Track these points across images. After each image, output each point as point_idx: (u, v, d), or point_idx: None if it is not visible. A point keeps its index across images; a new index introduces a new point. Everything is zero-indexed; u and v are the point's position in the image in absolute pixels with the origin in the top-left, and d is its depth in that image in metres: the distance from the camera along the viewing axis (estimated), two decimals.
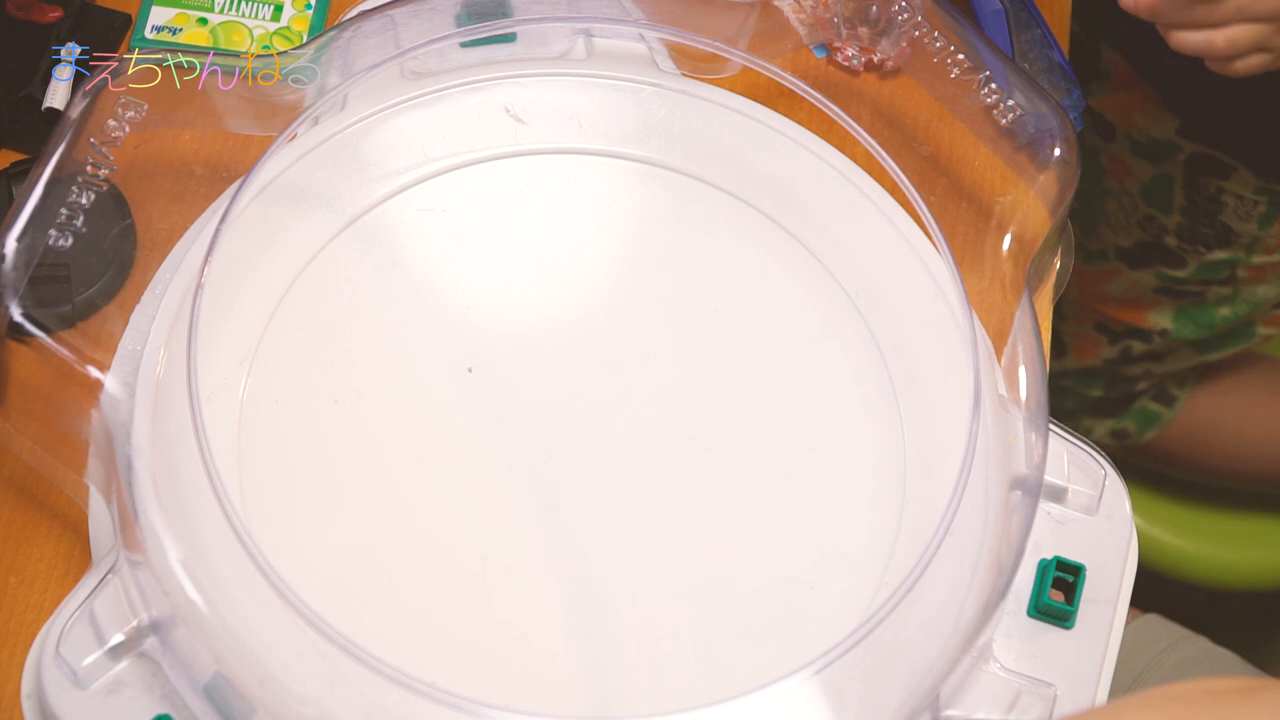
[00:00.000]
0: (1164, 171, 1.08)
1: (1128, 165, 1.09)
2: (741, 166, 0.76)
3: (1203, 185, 1.07)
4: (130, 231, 0.73)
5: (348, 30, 0.73)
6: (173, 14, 0.82)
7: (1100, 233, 1.14)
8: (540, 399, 0.70)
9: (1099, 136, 1.10)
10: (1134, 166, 1.09)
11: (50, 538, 0.69)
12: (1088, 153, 1.11)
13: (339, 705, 0.60)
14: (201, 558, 0.62)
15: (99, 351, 0.67)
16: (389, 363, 0.70)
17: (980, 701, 0.64)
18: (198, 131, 0.76)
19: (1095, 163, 1.12)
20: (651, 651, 0.65)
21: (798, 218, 0.75)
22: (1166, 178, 1.08)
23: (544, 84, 0.77)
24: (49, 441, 0.67)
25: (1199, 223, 1.10)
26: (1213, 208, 1.08)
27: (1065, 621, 0.66)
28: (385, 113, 0.75)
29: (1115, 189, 1.11)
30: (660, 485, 0.69)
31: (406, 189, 0.74)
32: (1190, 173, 1.07)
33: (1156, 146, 1.07)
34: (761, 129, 0.77)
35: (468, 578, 0.65)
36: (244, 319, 0.69)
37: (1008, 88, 0.74)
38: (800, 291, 0.73)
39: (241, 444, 0.66)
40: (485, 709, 0.57)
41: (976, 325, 0.71)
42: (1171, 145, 1.06)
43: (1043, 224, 0.73)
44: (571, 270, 0.73)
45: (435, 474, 0.68)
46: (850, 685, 0.62)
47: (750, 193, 0.75)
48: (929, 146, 0.80)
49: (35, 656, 0.65)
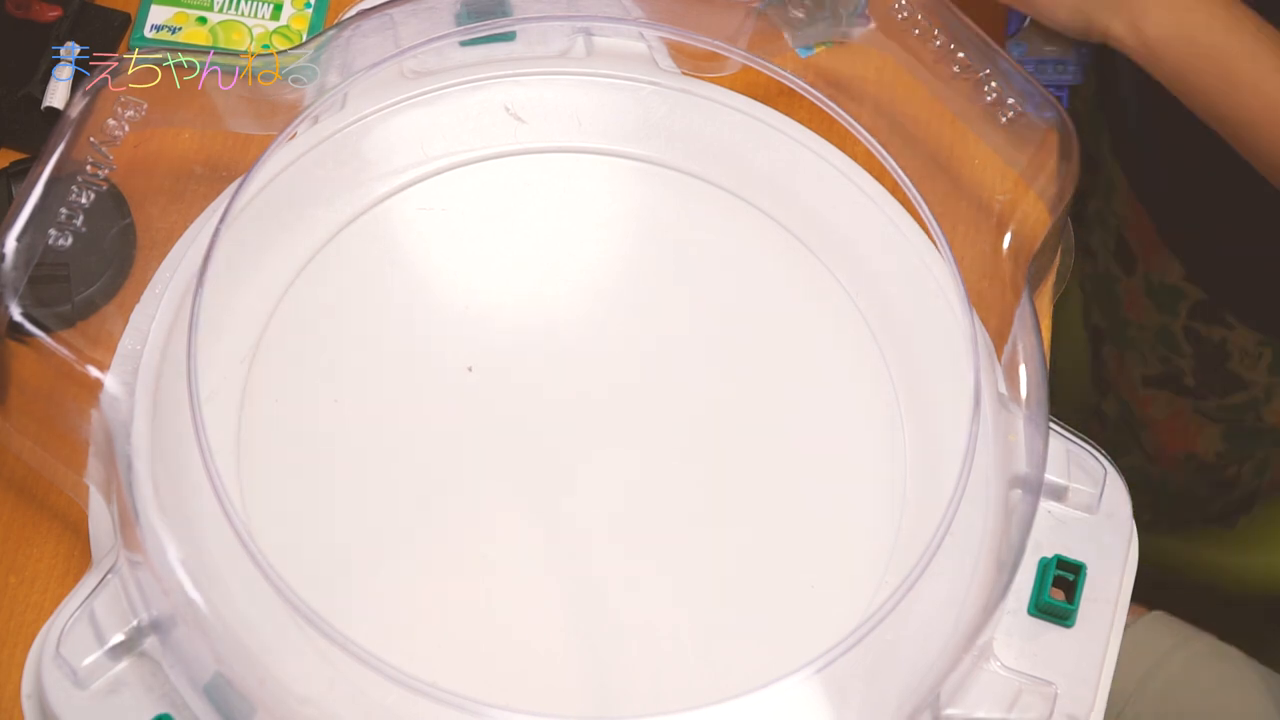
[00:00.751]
0: (1170, 317, 1.05)
1: (1140, 305, 1.06)
2: (741, 165, 0.76)
3: (1205, 334, 1.04)
4: (130, 231, 0.73)
5: (347, 29, 0.73)
6: (172, 13, 0.82)
7: (1128, 359, 1.11)
8: (540, 398, 0.70)
9: (1120, 268, 1.07)
10: (1145, 307, 1.06)
11: (50, 538, 0.69)
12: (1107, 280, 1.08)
13: (339, 705, 0.60)
14: (201, 558, 0.62)
15: (99, 351, 0.67)
16: (389, 362, 0.70)
17: (981, 700, 0.64)
18: (197, 131, 0.76)
19: (1113, 292, 1.09)
20: (651, 651, 0.65)
21: (798, 216, 0.75)
22: (1172, 324, 1.05)
23: (544, 82, 0.77)
24: (49, 441, 0.67)
25: (1209, 369, 1.06)
26: (1219, 356, 1.05)
27: (1066, 620, 0.66)
28: (385, 111, 0.75)
29: (1134, 322, 1.08)
30: (660, 484, 0.68)
31: (406, 188, 0.74)
32: (1193, 321, 1.04)
33: (1165, 292, 1.04)
34: (761, 127, 0.77)
35: (468, 577, 0.65)
36: (244, 318, 0.69)
37: (1007, 86, 0.74)
38: (800, 290, 0.73)
39: (241, 444, 0.66)
40: (485, 709, 0.57)
41: (976, 324, 0.71)
42: (1177, 291, 1.03)
43: (1043, 222, 0.73)
44: (571, 269, 0.73)
45: (435, 473, 0.67)
46: (850, 685, 0.62)
47: (750, 191, 0.75)
48: (929, 145, 0.80)
49: (35, 656, 0.65)
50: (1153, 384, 1.10)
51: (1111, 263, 1.07)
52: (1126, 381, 1.12)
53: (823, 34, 0.79)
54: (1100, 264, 1.09)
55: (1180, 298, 1.03)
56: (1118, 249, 1.06)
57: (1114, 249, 1.06)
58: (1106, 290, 1.09)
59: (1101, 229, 1.08)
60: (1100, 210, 1.07)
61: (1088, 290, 1.15)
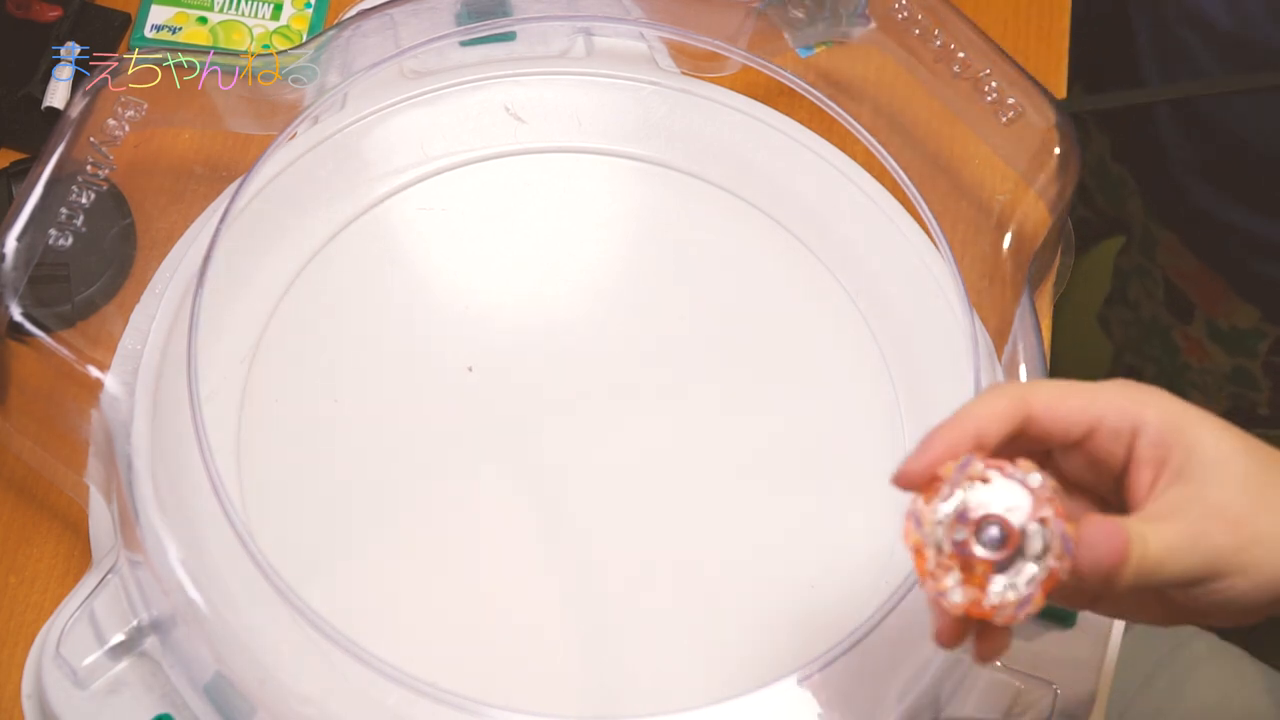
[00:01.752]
0: (1247, 359, 1.03)
1: (1204, 350, 1.04)
2: (741, 165, 0.76)
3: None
4: (130, 231, 0.73)
5: (347, 29, 0.73)
6: (172, 13, 0.82)
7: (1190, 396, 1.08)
8: (540, 398, 0.70)
9: (1174, 316, 1.04)
10: (1211, 352, 1.03)
11: (50, 538, 0.69)
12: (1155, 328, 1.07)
13: (339, 705, 0.60)
14: (201, 558, 0.62)
15: (99, 351, 0.67)
16: (389, 362, 0.70)
17: (981, 701, 0.64)
18: (198, 131, 0.76)
19: (1166, 339, 1.06)
20: (651, 651, 0.65)
21: (798, 216, 0.75)
22: (1249, 364, 1.03)
23: (544, 82, 0.77)
24: (49, 441, 0.67)
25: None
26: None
27: (1065, 621, 0.66)
28: (385, 112, 0.75)
29: (1195, 367, 1.06)
30: (660, 484, 0.68)
31: (406, 188, 0.74)
32: (1274, 356, 1.02)
33: (1238, 336, 1.01)
34: (761, 127, 0.77)
35: (468, 577, 0.65)
36: (244, 318, 0.69)
37: (1007, 86, 0.74)
38: (800, 290, 0.73)
39: (241, 444, 0.66)
40: (485, 709, 0.57)
41: (977, 324, 0.71)
42: (1255, 334, 1.00)
43: (1043, 222, 0.73)
44: (571, 269, 0.73)
45: (435, 473, 0.67)
46: (850, 685, 0.62)
47: (750, 191, 0.75)
48: (929, 145, 0.80)
49: (35, 656, 0.65)
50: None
51: (1161, 312, 1.05)
52: None
53: (823, 34, 0.79)
54: (1145, 312, 1.08)
55: (1259, 339, 1.01)
56: (1169, 299, 1.04)
57: (1164, 299, 1.04)
58: (1156, 338, 1.07)
59: (1142, 279, 1.06)
60: (1142, 265, 1.06)
61: (1121, 336, 1.14)
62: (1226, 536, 0.50)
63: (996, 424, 0.50)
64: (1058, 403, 0.50)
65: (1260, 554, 0.50)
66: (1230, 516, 0.50)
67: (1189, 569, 0.49)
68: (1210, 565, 0.49)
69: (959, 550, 0.49)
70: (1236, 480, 0.50)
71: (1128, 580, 0.49)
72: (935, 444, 0.50)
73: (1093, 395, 0.51)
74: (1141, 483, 0.51)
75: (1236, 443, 0.51)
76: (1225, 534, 0.50)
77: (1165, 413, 0.51)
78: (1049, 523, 0.48)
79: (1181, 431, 0.51)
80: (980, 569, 0.49)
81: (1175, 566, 0.49)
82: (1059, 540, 0.48)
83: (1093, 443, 0.51)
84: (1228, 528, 0.50)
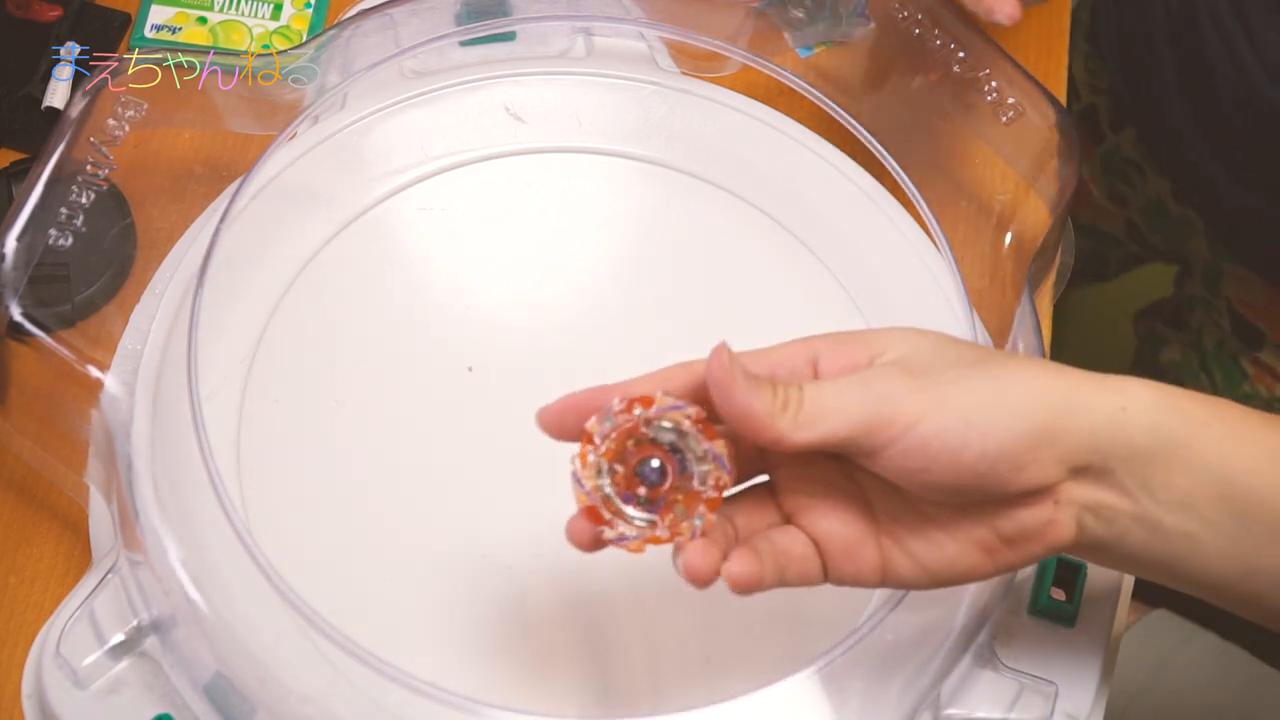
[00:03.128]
0: None
1: (1274, 376, 1.02)
2: (741, 165, 0.76)
3: None
4: (130, 231, 0.73)
5: (347, 29, 0.73)
6: (172, 13, 0.82)
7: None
8: (540, 398, 0.70)
9: (1241, 343, 1.03)
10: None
11: (50, 538, 0.69)
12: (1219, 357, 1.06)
13: (339, 705, 0.60)
14: (201, 558, 0.62)
15: (99, 351, 0.67)
16: (389, 361, 0.70)
17: (981, 700, 0.63)
18: (198, 131, 0.76)
19: (1235, 365, 1.04)
20: (651, 651, 0.64)
21: (798, 216, 0.75)
22: None
23: (544, 82, 0.77)
24: (49, 441, 0.67)
25: None
26: None
27: (1066, 620, 0.66)
28: (385, 111, 0.75)
29: (1265, 394, 1.04)
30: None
31: (406, 188, 0.74)
32: None
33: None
34: (761, 127, 0.77)
35: (468, 576, 0.65)
36: (244, 318, 0.69)
37: (1007, 86, 0.74)
38: (800, 290, 0.73)
39: (241, 443, 0.66)
40: (485, 709, 0.57)
41: (977, 324, 0.71)
42: None
43: (1043, 222, 0.73)
44: (571, 269, 0.73)
45: (435, 473, 0.67)
46: (850, 685, 0.62)
47: (750, 191, 0.75)
48: (929, 145, 0.80)
49: (35, 656, 0.65)
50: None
51: (1228, 338, 1.04)
52: None
53: (823, 34, 0.79)
54: (1207, 339, 1.07)
55: None
56: (1235, 327, 1.03)
57: (1230, 328, 1.03)
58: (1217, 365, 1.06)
59: (1206, 309, 1.06)
60: (1205, 297, 1.05)
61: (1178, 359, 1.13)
62: (902, 377, 0.48)
63: (656, 382, 0.51)
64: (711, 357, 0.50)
65: (950, 392, 0.48)
66: (910, 365, 0.49)
67: (859, 406, 0.48)
68: (884, 401, 0.48)
69: (625, 498, 0.51)
70: (926, 343, 0.50)
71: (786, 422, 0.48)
72: (595, 392, 0.52)
73: (764, 351, 0.52)
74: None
75: (931, 331, 0.51)
76: (901, 375, 0.48)
77: (840, 334, 0.51)
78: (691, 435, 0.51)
79: (861, 336, 0.51)
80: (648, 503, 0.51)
81: (840, 402, 0.48)
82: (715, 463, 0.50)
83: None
84: (904, 371, 0.49)
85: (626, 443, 0.51)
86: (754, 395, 0.49)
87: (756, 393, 0.49)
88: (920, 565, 0.52)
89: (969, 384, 0.49)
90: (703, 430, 0.51)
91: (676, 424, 0.51)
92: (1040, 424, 0.49)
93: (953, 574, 0.52)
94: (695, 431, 0.51)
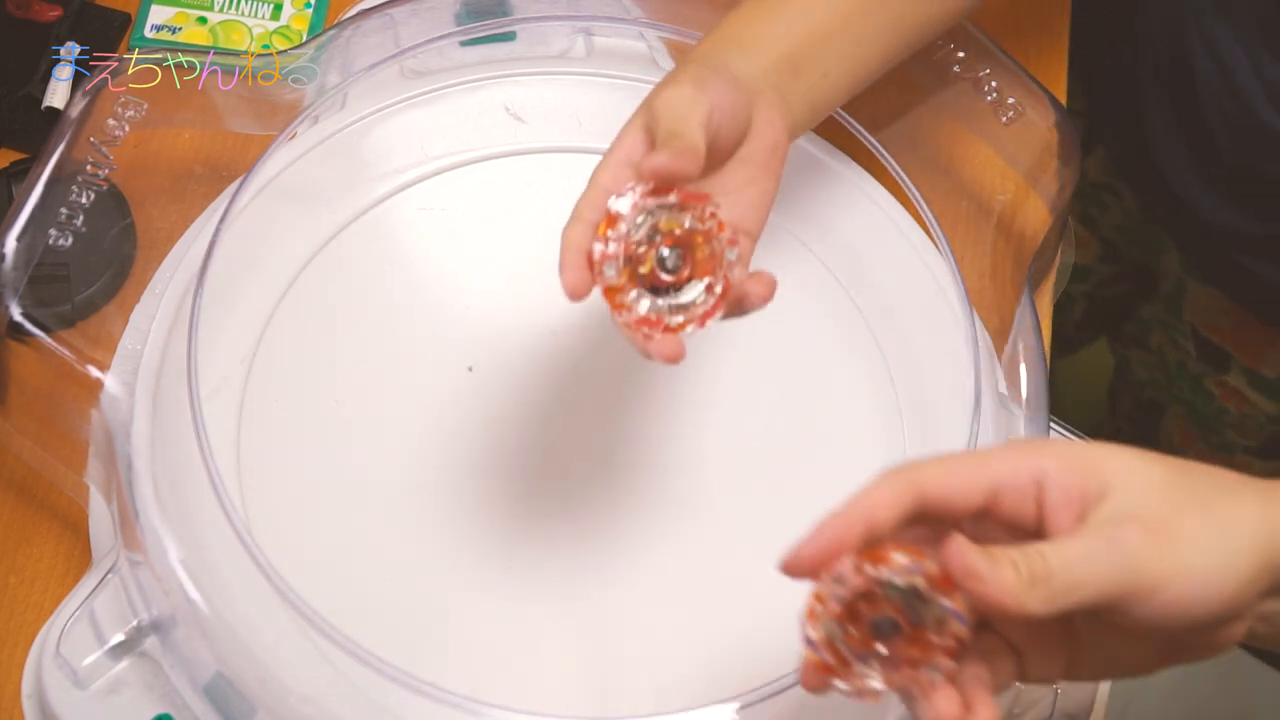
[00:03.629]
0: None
1: (1245, 396, 1.02)
2: None
3: None
4: (130, 231, 0.73)
5: (347, 29, 0.73)
6: (172, 13, 0.82)
7: (1226, 435, 1.07)
8: (540, 398, 0.70)
9: (1206, 364, 1.02)
10: (1252, 399, 1.02)
11: (50, 538, 0.69)
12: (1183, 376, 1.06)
13: (339, 705, 0.60)
14: (201, 558, 0.62)
15: (99, 351, 0.67)
16: (388, 361, 0.70)
17: None
18: (197, 131, 0.76)
19: (1200, 386, 1.06)
20: (651, 651, 0.65)
21: (797, 216, 0.75)
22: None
23: (544, 82, 0.77)
24: (49, 441, 0.67)
25: None
26: None
27: None
28: (385, 111, 0.75)
29: (1234, 412, 1.04)
30: (660, 484, 0.68)
31: (406, 188, 0.74)
32: None
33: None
34: None
35: (468, 576, 0.65)
36: (244, 318, 0.69)
37: (1007, 86, 0.74)
38: (800, 289, 0.73)
39: (241, 444, 0.66)
40: (485, 709, 0.57)
41: (977, 323, 0.71)
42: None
43: (1043, 222, 0.73)
44: None
45: (435, 473, 0.67)
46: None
47: None
48: (929, 145, 0.80)
49: (35, 656, 0.65)
50: (1252, 452, 1.08)
51: (1190, 361, 1.04)
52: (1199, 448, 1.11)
53: None
54: (1170, 358, 1.07)
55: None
56: (1200, 350, 1.03)
57: (1194, 350, 1.03)
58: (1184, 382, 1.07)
59: (1165, 330, 1.06)
60: (1164, 316, 1.05)
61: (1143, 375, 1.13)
62: (1145, 540, 0.47)
63: (887, 510, 0.49)
64: (948, 477, 0.49)
65: (1191, 556, 0.48)
66: (1148, 521, 0.48)
67: (1109, 576, 0.47)
68: (1134, 571, 0.47)
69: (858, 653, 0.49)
70: (1154, 486, 0.49)
71: (1024, 593, 0.47)
72: (825, 532, 0.49)
73: (984, 461, 0.49)
74: (1061, 528, 0.48)
75: (1152, 457, 0.49)
76: (1144, 537, 0.47)
77: (1066, 454, 0.49)
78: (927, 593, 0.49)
79: (1088, 463, 0.49)
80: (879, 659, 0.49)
81: (1091, 575, 0.47)
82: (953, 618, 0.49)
83: (1000, 508, 0.49)
84: (1146, 531, 0.47)
85: (859, 603, 0.49)
86: (999, 581, 0.47)
87: (1000, 577, 0.47)
88: (1102, 668, 0.52)
89: (1205, 541, 0.49)
90: (939, 586, 0.49)
91: (912, 584, 0.49)
92: (1259, 567, 0.49)
93: (1128, 672, 0.52)
94: (931, 589, 0.49)
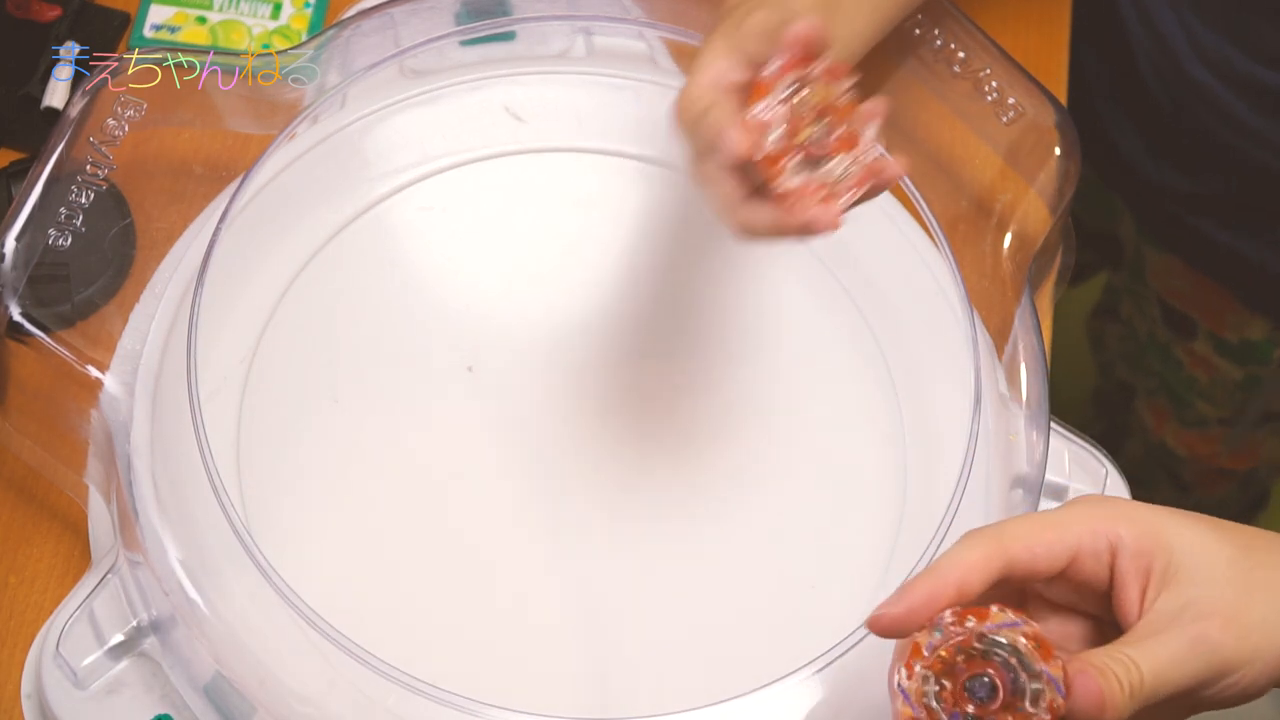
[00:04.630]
0: (1259, 366, 1.02)
1: (1212, 363, 1.03)
2: None
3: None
4: (130, 231, 0.73)
5: (347, 29, 0.73)
6: (172, 13, 0.82)
7: (1197, 406, 1.08)
8: (540, 398, 0.70)
9: (1173, 333, 1.04)
10: (1219, 366, 1.03)
11: (50, 538, 0.69)
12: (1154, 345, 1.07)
13: (339, 705, 0.60)
14: (201, 558, 0.62)
15: (99, 351, 0.67)
16: (388, 362, 0.70)
17: None
18: (197, 131, 0.76)
19: (1169, 355, 1.06)
20: (651, 651, 0.65)
21: None
22: (1261, 370, 1.03)
23: (544, 82, 0.77)
24: (49, 441, 0.67)
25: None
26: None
27: None
28: (384, 111, 0.75)
29: (1204, 380, 1.06)
30: (660, 484, 0.68)
31: (406, 187, 0.74)
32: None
33: (1249, 348, 1.01)
34: None
35: (468, 576, 0.65)
36: (244, 318, 0.69)
37: (1007, 86, 0.74)
38: (800, 290, 0.73)
39: (241, 444, 0.66)
40: (485, 709, 0.57)
41: (977, 323, 0.71)
42: (1267, 344, 1.00)
43: (1044, 222, 0.73)
44: (571, 269, 0.73)
45: (435, 473, 0.67)
46: (850, 685, 0.62)
47: None
48: (929, 145, 0.79)
49: (35, 656, 0.65)
50: (1226, 423, 1.09)
51: (1158, 329, 1.05)
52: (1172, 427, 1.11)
53: None
54: (1139, 329, 1.08)
55: (1273, 347, 1.00)
56: (1165, 318, 1.04)
57: (1160, 318, 1.04)
58: (1154, 352, 1.07)
59: (1134, 299, 1.06)
60: (1130, 284, 1.06)
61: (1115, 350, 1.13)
62: (1225, 633, 0.49)
63: (978, 574, 0.49)
64: (1033, 541, 0.50)
65: (1259, 640, 0.50)
66: (1224, 612, 0.50)
67: (1195, 674, 0.49)
68: (1216, 665, 0.49)
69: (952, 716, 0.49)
70: (1222, 572, 0.50)
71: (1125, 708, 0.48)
72: (915, 592, 0.49)
73: (1065, 524, 0.50)
74: (1130, 599, 0.50)
75: (1212, 533, 0.51)
76: (1223, 631, 0.49)
77: (1138, 523, 0.51)
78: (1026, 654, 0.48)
79: (1158, 536, 0.50)
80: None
81: (1180, 676, 0.49)
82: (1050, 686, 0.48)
83: (1074, 569, 0.50)
84: (1224, 624, 0.50)
85: (956, 657, 0.49)
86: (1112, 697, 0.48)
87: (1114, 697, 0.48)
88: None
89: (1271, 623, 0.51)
90: (1038, 649, 0.48)
91: (1012, 642, 0.49)
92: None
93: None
94: (1030, 650, 0.48)
